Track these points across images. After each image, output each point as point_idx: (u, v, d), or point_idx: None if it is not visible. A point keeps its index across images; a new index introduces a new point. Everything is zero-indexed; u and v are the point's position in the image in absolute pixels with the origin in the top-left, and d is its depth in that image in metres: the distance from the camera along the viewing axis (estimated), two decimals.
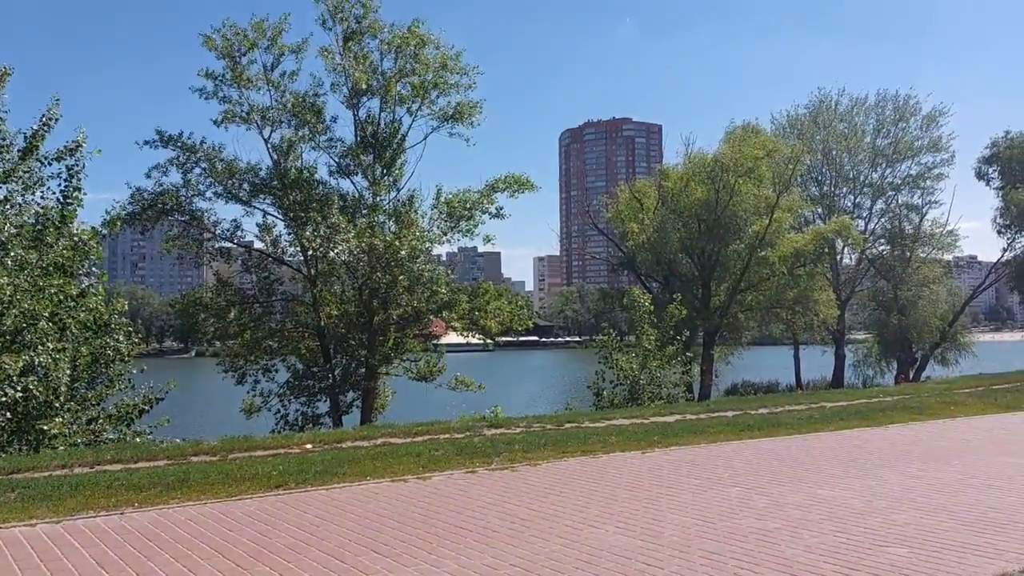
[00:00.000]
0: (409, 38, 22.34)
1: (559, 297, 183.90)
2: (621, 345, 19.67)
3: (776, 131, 42.85)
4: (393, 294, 21.62)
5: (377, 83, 22.57)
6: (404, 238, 21.36)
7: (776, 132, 42.47)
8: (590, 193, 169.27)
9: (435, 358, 23.33)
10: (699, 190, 36.00)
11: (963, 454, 9.32)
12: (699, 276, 37.16)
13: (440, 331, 24.67)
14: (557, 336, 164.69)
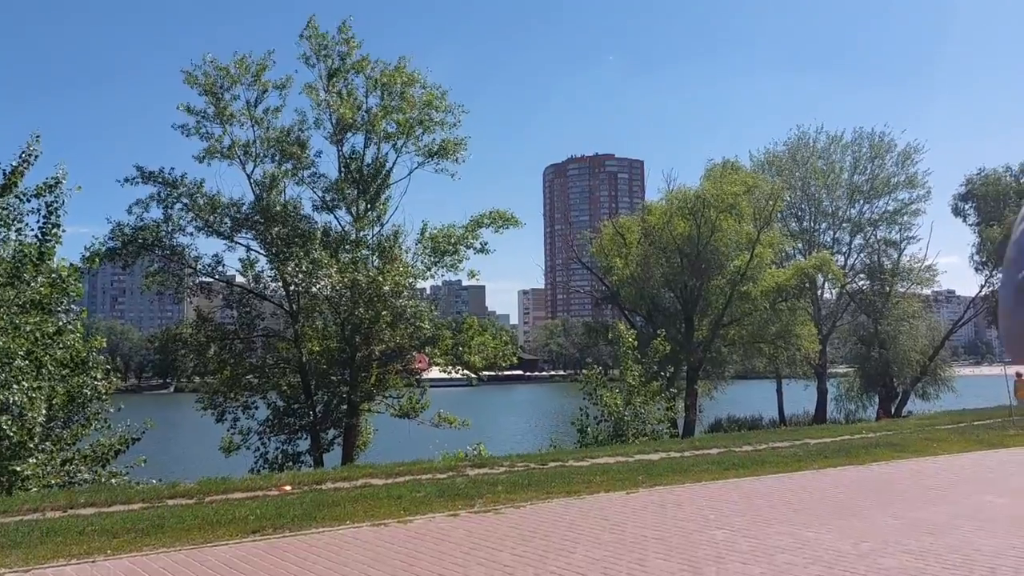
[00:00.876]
0: (396, 76, 22.50)
1: (544, 330, 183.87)
2: (605, 380, 19.62)
3: (755, 167, 43.40)
4: (376, 329, 21.48)
5: (362, 119, 22.66)
6: (387, 273, 21.29)
7: (755, 168, 43.00)
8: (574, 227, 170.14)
9: (418, 394, 23.13)
10: (681, 225, 36.28)
11: (947, 493, 9.30)
12: (682, 310, 37.28)
13: (423, 366, 24.50)
14: (542, 370, 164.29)
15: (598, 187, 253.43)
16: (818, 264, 37.76)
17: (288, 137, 22.28)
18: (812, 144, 45.36)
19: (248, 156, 21.99)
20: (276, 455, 21.25)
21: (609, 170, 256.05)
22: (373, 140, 22.81)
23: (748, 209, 36.47)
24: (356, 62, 22.39)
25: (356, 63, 22.40)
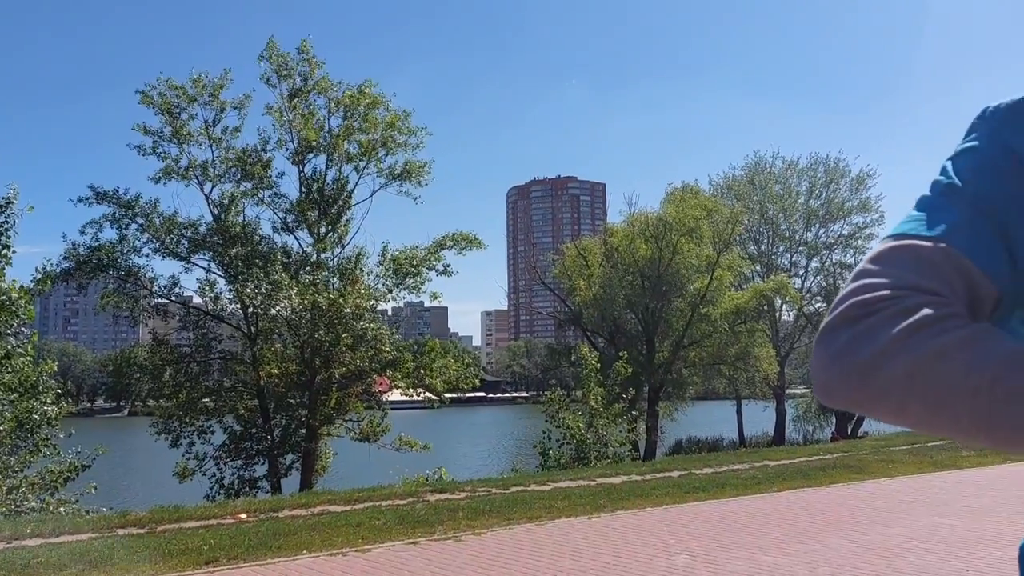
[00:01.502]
0: (359, 97, 22.46)
1: (507, 352, 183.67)
2: (568, 403, 19.62)
3: (715, 191, 44.12)
4: (336, 352, 21.25)
5: (324, 140, 22.56)
6: (348, 295, 21.12)
7: (715, 192, 43.71)
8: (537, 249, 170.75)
9: (378, 417, 22.88)
10: (643, 248, 36.68)
11: (902, 515, 9.43)
12: (644, 332, 37.57)
13: (384, 388, 24.28)
14: (505, 391, 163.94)
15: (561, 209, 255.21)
16: (776, 287, 38.40)
17: (250, 157, 22.07)
18: (769, 169, 46.28)
19: (206, 176, 21.74)
20: (232, 481, 20.83)
21: (572, 192, 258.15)
22: (335, 161, 22.70)
23: (708, 232, 37.04)
24: (318, 82, 22.31)
25: (318, 83, 22.32)
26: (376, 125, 22.47)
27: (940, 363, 0.71)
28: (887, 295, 0.76)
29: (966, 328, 0.73)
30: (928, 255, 0.80)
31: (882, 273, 0.79)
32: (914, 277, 0.78)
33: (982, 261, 0.80)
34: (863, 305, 0.77)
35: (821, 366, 0.78)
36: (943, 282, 0.79)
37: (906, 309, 0.75)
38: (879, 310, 0.76)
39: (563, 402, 19.18)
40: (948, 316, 0.74)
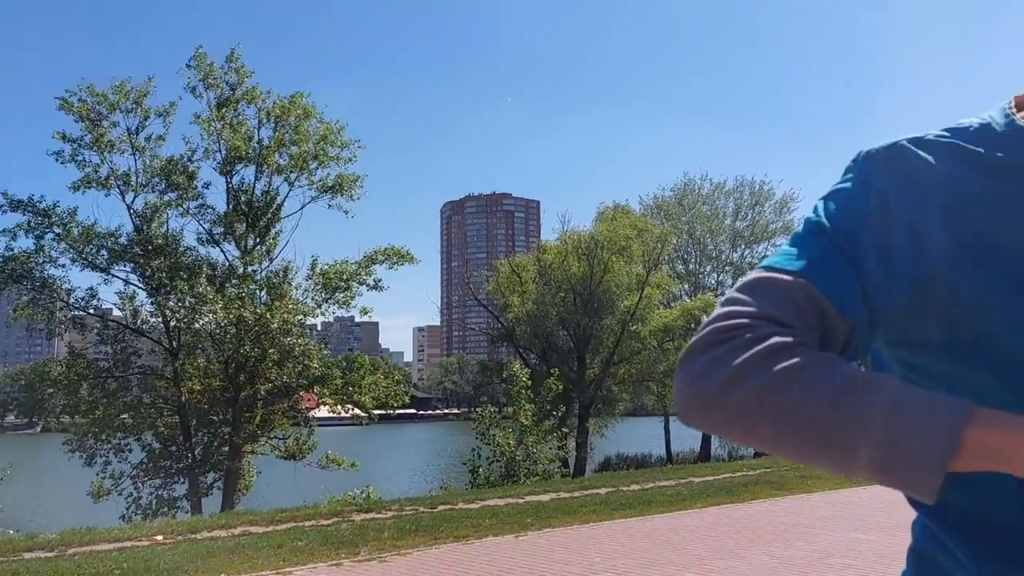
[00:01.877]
0: (291, 108, 22.09)
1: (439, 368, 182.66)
2: (499, 419, 19.58)
3: (645, 211, 44.96)
4: (262, 368, 20.78)
5: (254, 151, 22.11)
6: (276, 310, 20.69)
7: (645, 212, 44.54)
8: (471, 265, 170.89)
9: (305, 434, 22.40)
10: (576, 265, 37.07)
11: (821, 531, 9.69)
12: (575, 349, 37.87)
13: (311, 405, 23.81)
14: (436, 408, 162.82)
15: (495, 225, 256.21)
16: (704, 305, 39.21)
17: (175, 167, 21.47)
18: (698, 191, 47.43)
19: (128, 186, 21.03)
20: (150, 501, 20.10)
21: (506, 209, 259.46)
22: (265, 172, 22.27)
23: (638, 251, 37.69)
24: (247, 92, 21.86)
25: (247, 93, 21.85)
26: (308, 137, 22.15)
27: (785, 389, 0.76)
28: (745, 323, 0.81)
29: (810, 357, 0.77)
30: (787, 288, 0.85)
31: (744, 302, 0.84)
32: (772, 308, 0.83)
33: (836, 296, 0.85)
34: (723, 331, 0.81)
35: (680, 389, 0.83)
36: (798, 314, 0.83)
37: (760, 337, 0.79)
38: (735, 337, 0.80)
39: (494, 419, 19.14)
40: (797, 345, 0.79)
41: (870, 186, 0.91)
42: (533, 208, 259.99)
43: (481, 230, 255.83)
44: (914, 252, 0.88)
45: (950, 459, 0.70)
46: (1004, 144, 0.91)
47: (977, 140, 0.92)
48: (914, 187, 0.90)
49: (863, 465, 0.74)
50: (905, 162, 0.92)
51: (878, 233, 0.88)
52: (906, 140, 0.94)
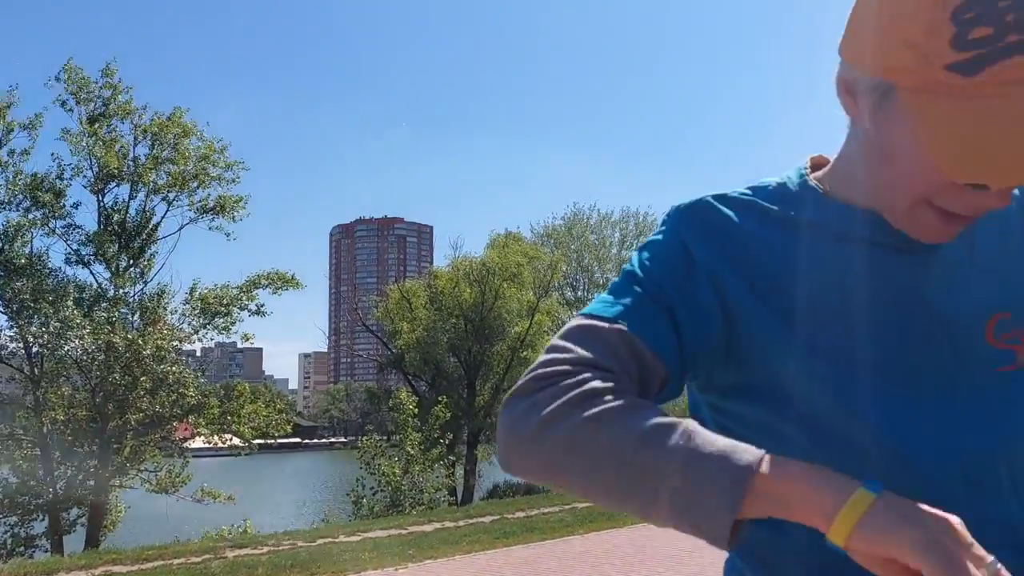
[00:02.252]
0: (169, 126, 21.24)
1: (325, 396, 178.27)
2: (385, 448, 19.29)
3: (536, 239, 45.68)
4: (132, 397, 19.70)
5: (129, 169, 21.11)
6: (149, 336, 19.71)
7: (536, 240, 45.25)
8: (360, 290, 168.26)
9: (179, 466, 21.34)
10: (467, 292, 37.17)
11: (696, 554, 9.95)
12: (465, 376, 37.83)
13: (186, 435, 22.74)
14: (322, 437, 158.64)
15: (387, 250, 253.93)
16: None
17: (41, 184, 20.22)
18: (586, 220, 48.61)
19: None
20: (5, 540, 18.66)
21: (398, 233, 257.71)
22: (140, 191, 21.28)
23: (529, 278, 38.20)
24: (121, 106, 20.87)
25: (121, 107, 20.87)
26: (188, 157, 21.34)
27: (595, 435, 0.78)
28: (564, 370, 0.83)
29: (622, 403, 0.80)
30: (605, 334, 0.88)
31: (565, 349, 0.87)
32: (592, 354, 0.86)
33: (651, 341, 0.89)
34: (543, 378, 0.83)
35: (500, 436, 0.84)
36: (617, 359, 0.86)
37: (577, 383, 0.81)
38: (554, 383, 0.82)
39: (379, 448, 18.84)
40: (611, 391, 0.81)
41: (679, 238, 0.97)
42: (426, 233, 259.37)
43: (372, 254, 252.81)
44: (717, 301, 0.93)
45: (738, 507, 0.72)
46: (796, 202, 0.97)
47: (773, 198, 0.99)
48: (716, 240, 0.95)
49: (664, 512, 0.75)
50: (709, 217, 0.97)
51: (686, 283, 0.93)
52: (711, 196, 1.00)
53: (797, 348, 0.91)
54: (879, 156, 0.86)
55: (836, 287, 0.92)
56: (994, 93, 0.72)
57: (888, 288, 0.92)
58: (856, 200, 0.93)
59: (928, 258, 0.92)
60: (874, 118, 0.84)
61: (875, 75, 0.82)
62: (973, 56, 0.72)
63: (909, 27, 0.76)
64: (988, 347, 0.92)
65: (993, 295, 0.94)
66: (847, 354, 0.90)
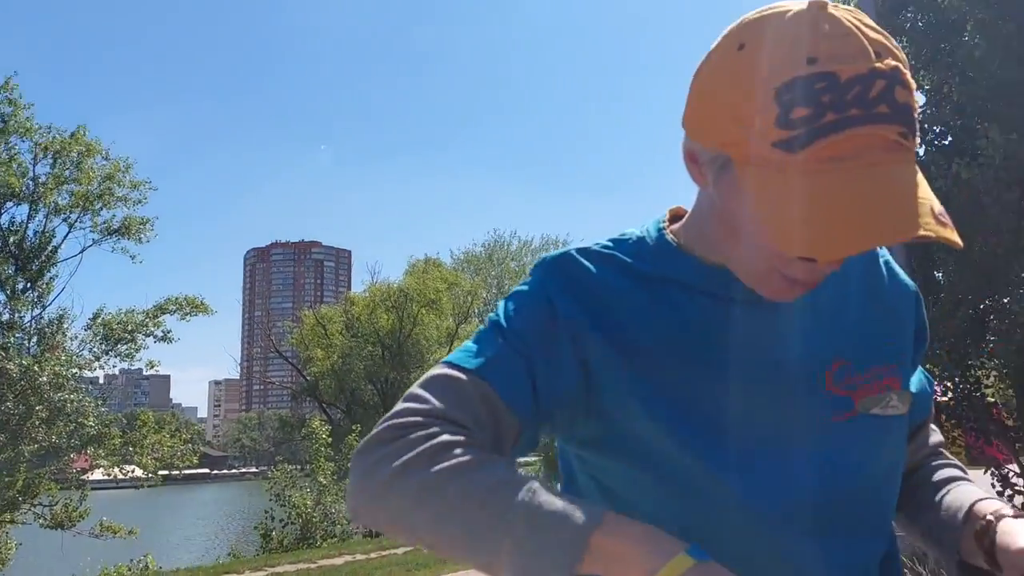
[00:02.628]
0: (72, 144, 20.43)
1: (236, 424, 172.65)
2: (297, 479, 18.82)
3: (456, 265, 45.72)
4: (27, 427, 18.65)
5: (28, 188, 20.18)
6: (46, 362, 18.76)
7: (456, 266, 45.30)
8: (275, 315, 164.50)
9: (76, 500, 20.27)
10: (384, 318, 36.85)
11: None
12: (382, 404, 37.35)
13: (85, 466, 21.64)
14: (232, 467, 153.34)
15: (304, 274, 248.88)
16: None
17: None
18: (507, 247, 48.98)
19: None
20: None
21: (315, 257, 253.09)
22: (40, 212, 20.35)
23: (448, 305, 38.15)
24: (21, 123, 19.97)
25: (21, 125, 19.97)
26: (92, 176, 20.55)
27: (443, 489, 0.79)
28: (418, 421, 0.84)
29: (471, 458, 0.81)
30: (462, 386, 0.90)
31: (422, 399, 0.88)
32: (447, 406, 0.87)
33: (507, 395, 0.90)
34: (397, 428, 0.84)
35: (351, 485, 0.84)
36: (470, 412, 0.88)
37: (429, 435, 0.82)
38: (406, 435, 0.83)
39: (291, 478, 18.37)
40: (463, 444, 0.82)
41: (544, 291, 0.98)
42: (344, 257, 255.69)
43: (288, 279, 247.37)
44: (576, 356, 0.95)
45: (576, 565, 0.74)
46: (651, 256, 1.01)
47: (631, 252, 1.02)
48: (578, 294, 0.97)
49: (507, 567, 0.77)
50: (572, 271, 1.00)
51: (547, 337, 0.95)
52: (575, 250, 1.02)
53: (650, 401, 0.94)
54: (724, 223, 0.91)
55: (687, 340, 0.95)
56: (815, 169, 0.77)
57: (735, 340, 0.96)
58: (707, 255, 0.98)
59: (772, 310, 0.96)
60: (717, 188, 0.89)
61: (713, 148, 0.86)
62: (795, 134, 0.77)
63: (740, 105, 0.80)
64: (828, 394, 0.97)
65: (833, 343, 0.99)
66: (697, 406, 0.94)
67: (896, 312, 1.06)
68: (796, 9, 0.81)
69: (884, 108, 0.76)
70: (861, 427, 0.97)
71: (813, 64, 0.77)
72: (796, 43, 0.79)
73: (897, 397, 1.00)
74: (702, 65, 0.88)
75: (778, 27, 0.81)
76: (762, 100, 0.78)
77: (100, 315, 20.61)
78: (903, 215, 0.76)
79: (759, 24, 0.83)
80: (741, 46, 0.83)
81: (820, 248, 0.77)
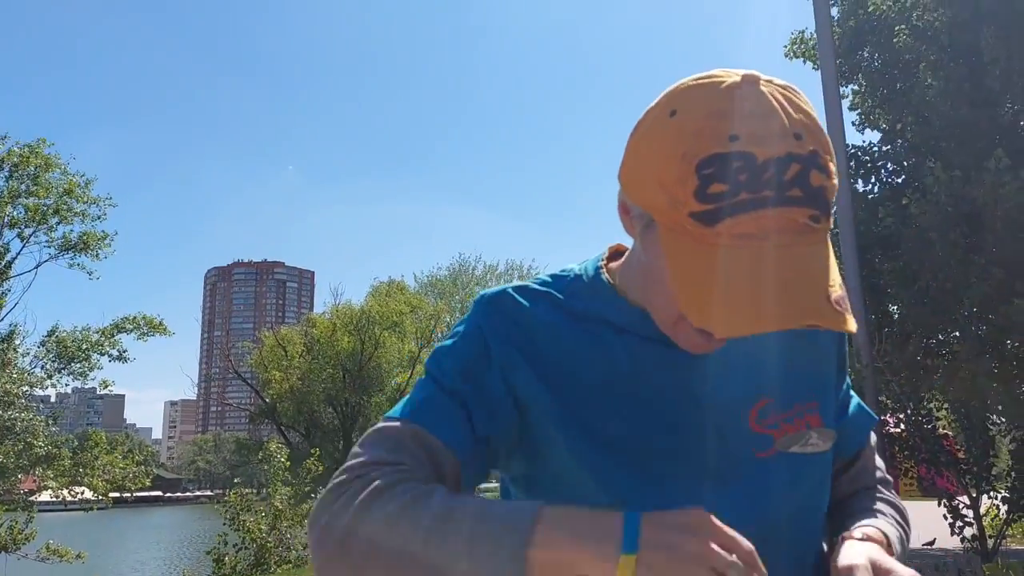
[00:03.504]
0: (31, 158, 20.05)
1: (192, 446, 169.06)
2: (253, 503, 18.42)
3: (420, 289, 45.59)
4: None
5: None
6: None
7: (419, 290, 45.16)
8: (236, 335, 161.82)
9: (22, 522, 19.65)
10: (346, 340, 36.54)
11: None
12: (341, 427, 36.92)
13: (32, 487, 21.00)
14: (186, 490, 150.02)
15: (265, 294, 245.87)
16: None
17: None
18: (472, 271, 49.00)
19: None
20: None
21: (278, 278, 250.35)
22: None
23: (411, 328, 37.97)
24: None
25: None
26: (49, 190, 20.18)
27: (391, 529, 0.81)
28: (356, 475, 0.87)
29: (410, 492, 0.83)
30: (397, 433, 0.93)
31: (358, 454, 0.91)
32: (383, 454, 0.90)
33: (440, 432, 0.93)
34: (338, 487, 0.87)
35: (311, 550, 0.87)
36: (409, 455, 0.90)
37: (367, 482, 0.85)
38: (347, 490, 0.86)
39: (245, 503, 17.99)
40: (399, 482, 0.85)
41: (479, 329, 1.01)
42: (307, 278, 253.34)
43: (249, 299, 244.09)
44: (509, 394, 0.98)
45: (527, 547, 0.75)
46: (585, 294, 1.04)
47: (566, 289, 1.05)
48: (512, 331, 1.00)
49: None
50: (507, 308, 1.02)
51: (479, 376, 0.97)
52: (512, 288, 1.05)
53: (574, 439, 0.97)
54: (647, 275, 0.94)
55: (613, 379, 0.98)
56: (728, 244, 0.80)
57: (661, 380, 0.98)
58: (636, 298, 1.00)
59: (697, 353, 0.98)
60: (642, 242, 0.93)
61: (638, 206, 0.90)
62: (711, 208, 0.79)
63: (663, 171, 0.83)
64: (751, 433, 0.99)
65: (756, 382, 1.01)
66: (621, 445, 0.97)
67: (818, 344, 1.08)
68: (729, 82, 0.84)
69: (797, 192, 0.79)
70: (781, 465, 0.99)
71: (735, 142, 0.79)
72: (722, 118, 0.81)
73: (817, 435, 1.02)
74: (638, 124, 0.90)
75: (708, 99, 0.83)
76: (684, 171, 0.81)
77: (55, 332, 20.16)
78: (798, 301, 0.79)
79: (692, 93, 0.85)
80: (673, 112, 0.85)
81: (716, 325, 0.80)
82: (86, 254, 20.86)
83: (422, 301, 40.33)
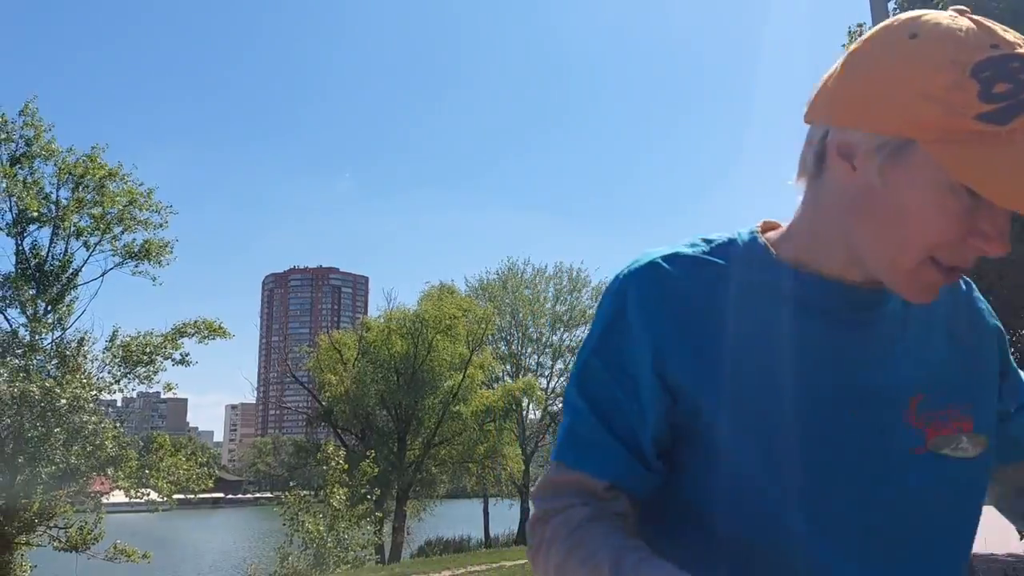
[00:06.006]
0: (93, 168, 20.72)
1: (252, 449, 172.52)
2: (311, 504, 18.79)
3: (470, 292, 45.80)
4: (45, 449, 18.78)
5: (50, 212, 20.49)
6: (66, 384, 18.92)
7: (470, 293, 45.37)
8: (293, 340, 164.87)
9: (91, 523, 20.33)
10: (399, 344, 36.86)
11: None
12: (395, 430, 37.24)
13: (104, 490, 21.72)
14: (247, 491, 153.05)
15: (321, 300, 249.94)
16: (524, 387, 40.08)
17: None
18: (520, 275, 49.02)
19: None
20: None
21: (333, 283, 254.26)
22: (61, 235, 20.63)
23: (462, 331, 38.11)
24: (44, 147, 20.29)
25: (44, 148, 20.29)
26: (113, 200, 20.82)
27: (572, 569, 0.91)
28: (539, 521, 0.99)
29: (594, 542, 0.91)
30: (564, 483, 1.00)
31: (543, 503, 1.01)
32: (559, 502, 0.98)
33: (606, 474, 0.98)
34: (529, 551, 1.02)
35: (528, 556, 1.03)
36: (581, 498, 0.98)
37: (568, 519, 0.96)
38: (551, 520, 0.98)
39: (303, 504, 18.36)
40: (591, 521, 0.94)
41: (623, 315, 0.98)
42: (362, 284, 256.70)
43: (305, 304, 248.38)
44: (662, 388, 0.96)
45: None
46: (748, 263, 0.99)
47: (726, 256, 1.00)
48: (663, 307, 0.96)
49: None
50: (656, 280, 0.98)
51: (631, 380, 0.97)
52: (661, 256, 1.00)
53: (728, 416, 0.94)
54: (888, 215, 0.88)
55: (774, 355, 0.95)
56: None
57: (822, 360, 0.95)
58: (814, 266, 0.97)
59: (865, 333, 0.97)
60: (886, 177, 0.87)
61: (888, 133, 0.86)
62: (1003, 106, 0.80)
63: (929, 83, 0.83)
64: (907, 427, 0.96)
65: (917, 375, 0.98)
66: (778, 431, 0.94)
67: (978, 351, 1.05)
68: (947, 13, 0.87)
69: None
70: (933, 465, 0.97)
71: (996, 49, 0.82)
72: (971, 33, 0.83)
73: (967, 439, 0.98)
74: (856, 55, 0.90)
75: (945, 19, 0.85)
76: (958, 77, 0.81)
77: (117, 336, 20.77)
78: None
79: (924, 18, 0.86)
80: (913, 35, 0.85)
81: None
82: (149, 261, 21.51)
83: (473, 304, 40.47)
